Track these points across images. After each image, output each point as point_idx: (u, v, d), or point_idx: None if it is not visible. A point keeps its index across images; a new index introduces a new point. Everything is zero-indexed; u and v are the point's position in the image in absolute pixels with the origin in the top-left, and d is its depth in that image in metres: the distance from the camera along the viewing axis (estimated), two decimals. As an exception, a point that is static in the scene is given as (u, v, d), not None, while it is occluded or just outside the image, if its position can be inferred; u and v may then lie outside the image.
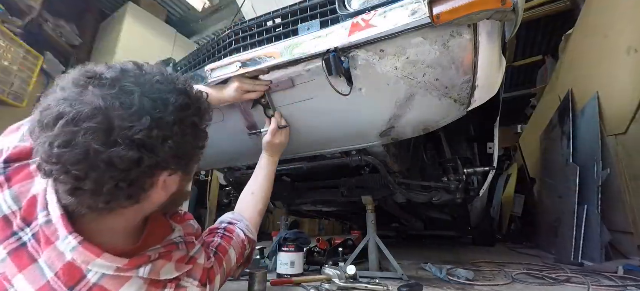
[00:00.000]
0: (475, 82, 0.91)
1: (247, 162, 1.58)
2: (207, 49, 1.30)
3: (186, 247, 0.67)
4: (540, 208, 3.24)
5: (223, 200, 4.36)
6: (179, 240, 0.66)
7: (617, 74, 2.22)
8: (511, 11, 0.76)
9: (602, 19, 2.63)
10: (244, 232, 0.88)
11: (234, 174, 1.77)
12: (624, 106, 2.04)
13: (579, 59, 2.97)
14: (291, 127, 1.18)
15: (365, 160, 1.35)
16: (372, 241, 1.59)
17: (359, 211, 1.82)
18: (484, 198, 2.44)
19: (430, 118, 1.06)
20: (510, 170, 4.41)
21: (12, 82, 2.99)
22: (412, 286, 1.24)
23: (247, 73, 1.06)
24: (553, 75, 3.79)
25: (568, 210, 2.22)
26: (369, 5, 0.94)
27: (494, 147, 1.72)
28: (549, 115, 3.17)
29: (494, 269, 1.81)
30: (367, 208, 1.64)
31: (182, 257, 0.64)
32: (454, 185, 1.56)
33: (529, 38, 4.98)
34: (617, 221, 1.99)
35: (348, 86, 0.97)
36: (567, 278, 1.55)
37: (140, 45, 3.63)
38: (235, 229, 0.87)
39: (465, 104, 0.97)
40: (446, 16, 0.78)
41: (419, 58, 0.89)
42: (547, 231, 2.78)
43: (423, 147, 1.79)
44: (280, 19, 1.09)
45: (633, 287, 1.41)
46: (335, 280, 1.20)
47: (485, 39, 0.85)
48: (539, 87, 4.60)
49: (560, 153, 2.61)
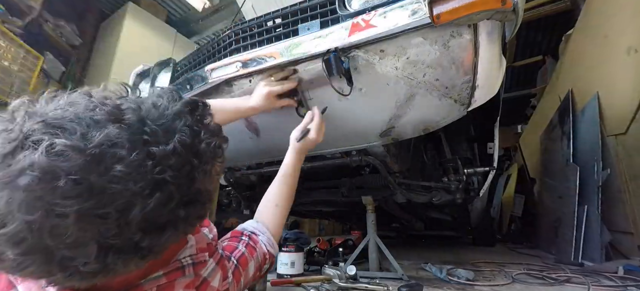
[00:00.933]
0: (475, 82, 0.91)
1: (247, 161, 1.58)
2: (207, 49, 1.30)
3: (194, 270, 0.55)
4: (540, 208, 3.24)
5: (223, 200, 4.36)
6: (188, 262, 0.54)
7: (617, 74, 2.22)
8: (511, 11, 0.76)
9: (602, 18, 2.62)
10: (265, 246, 0.80)
11: (234, 174, 1.77)
12: (624, 106, 2.04)
13: (579, 58, 2.97)
14: (292, 126, 1.18)
15: (365, 160, 1.35)
16: (372, 241, 1.59)
17: (359, 211, 1.82)
18: (484, 198, 2.45)
19: (430, 118, 1.06)
20: (510, 170, 4.41)
21: (12, 82, 3.00)
22: (412, 286, 1.24)
23: (272, 74, 1.00)
24: (553, 75, 3.79)
25: (568, 210, 2.22)
26: (369, 5, 0.94)
27: (494, 147, 1.72)
28: (549, 115, 3.17)
29: (494, 269, 1.81)
30: (367, 208, 1.64)
31: (188, 284, 0.53)
32: (454, 185, 1.56)
33: (529, 38, 4.99)
34: (617, 221, 1.99)
35: (348, 86, 0.97)
36: (567, 278, 1.55)
37: (140, 45, 3.64)
38: (259, 240, 0.79)
39: (465, 104, 0.97)
40: (446, 16, 0.78)
41: (419, 58, 0.89)
42: (547, 231, 2.78)
43: (423, 147, 1.79)
44: (280, 19, 1.09)
45: (633, 287, 1.41)
46: (335, 280, 1.21)
47: (485, 39, 0.85)
48: (539, 87, 4.60)
49: (560, 153, 2.61)
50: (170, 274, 0.51)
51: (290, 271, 1.45)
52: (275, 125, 1.20)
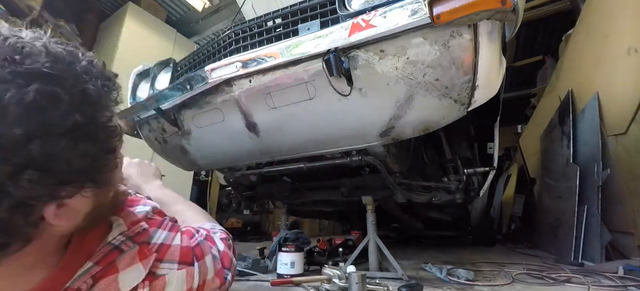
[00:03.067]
0: (475, 82, 0.91)
1: (247, 161, 1.58)
2: (207, 48, 1.30)
3: (135, 241, 0.51)
4: (540, 208, 3.24)
5: (223, 200, 4.38)
6: (120, 240, 0.50)
7: (617, 74, 2.22)
8: (511, 11, 0.76)
9: (602, 18, 2.62)
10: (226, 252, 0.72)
11: (234, 174, 1.77)
12: (624, 106, 2.04)
13: (578, 59, 2.97)
14: (291, 127, 1.18)
15: (365, 160, 1.35)
16: (372, 242, 1.59)
17: (359, 211, 1.81)
18: (484, 198, 2.45)
19: (430, 118, 1.06)
20: (510, 170, 4.41)
21: (12, 82, 2.99)
22: (412, 286, 1.24)
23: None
24: (553, 75, 3.79)
25: (568, 210, 2.22)
26: (369, 5, 0.94)
27: (494, 147, 1.72)
28: (549, 115, 3.17)
29: (494, 269, 1.81)
30: (367, 208, 1.64)
31: (137, 255, 0.50)
32: (454, 185, 1.56)
33: (529, 38, 4.99)
34: (617, 221, 1.99)
35: (348, 86, 0.97)
36: (567, 278, 1.54)
37: (140, 45, 3.63)
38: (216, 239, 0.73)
39: (465, 104, 0.97)
40: (446, 16, 0.78)
41: (419, 58, 0.89)
42: (547, 232, 2.78)
43: (423, 147, 1.79)
44: (280, 19, 1.09)
45: (633, 287, 1.41)
46: (335, 280, 1.20)
47: (486, 39, 0.85)
48: (539, 87, 4.60)
49: (560, 154, 2.61)
50: (103, 259, 0.47)
51: (291, 271, 1.45)
52: (275, 125, 1.20)
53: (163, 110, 1.33)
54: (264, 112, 1.16)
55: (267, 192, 1.93)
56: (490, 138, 1.75)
